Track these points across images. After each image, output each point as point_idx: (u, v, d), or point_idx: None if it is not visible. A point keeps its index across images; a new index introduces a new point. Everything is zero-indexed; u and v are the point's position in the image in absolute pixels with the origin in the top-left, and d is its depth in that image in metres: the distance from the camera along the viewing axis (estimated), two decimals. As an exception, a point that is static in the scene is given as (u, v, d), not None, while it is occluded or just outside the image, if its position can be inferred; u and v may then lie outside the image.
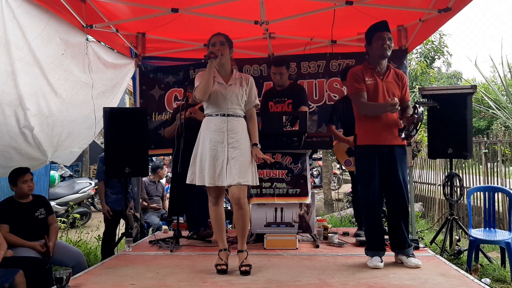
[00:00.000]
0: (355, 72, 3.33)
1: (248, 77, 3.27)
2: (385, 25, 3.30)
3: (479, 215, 6.21)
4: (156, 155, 5.96)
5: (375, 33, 3.27)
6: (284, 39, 5.24)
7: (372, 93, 3.24)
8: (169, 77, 5.47)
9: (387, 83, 3.27)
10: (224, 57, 3.12)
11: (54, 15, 3.70)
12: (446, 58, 12.88)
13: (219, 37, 3.17)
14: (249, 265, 3.05)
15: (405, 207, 3.26)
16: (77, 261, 3.66)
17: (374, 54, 3.29)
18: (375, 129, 3.21)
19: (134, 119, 4.28)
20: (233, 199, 3.08)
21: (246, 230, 3.19)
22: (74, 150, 4.74)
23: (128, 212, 4.27)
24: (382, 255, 3.26)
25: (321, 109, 5.28)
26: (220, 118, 3.10)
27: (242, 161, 3.05)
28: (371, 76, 3.27)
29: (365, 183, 3.29)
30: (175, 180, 4.23)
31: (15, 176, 3.54)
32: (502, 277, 3.91)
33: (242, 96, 3.16)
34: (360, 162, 3.37)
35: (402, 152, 3.28)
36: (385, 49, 3.21)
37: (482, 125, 19.79)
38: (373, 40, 3.26)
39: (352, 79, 3.31)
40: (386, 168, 3.23)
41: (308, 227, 4.01)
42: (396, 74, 3.34)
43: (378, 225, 3.28)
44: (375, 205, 3.25)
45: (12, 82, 3.29)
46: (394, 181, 3.22)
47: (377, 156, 3.22)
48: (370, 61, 3.34)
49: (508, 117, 10.14)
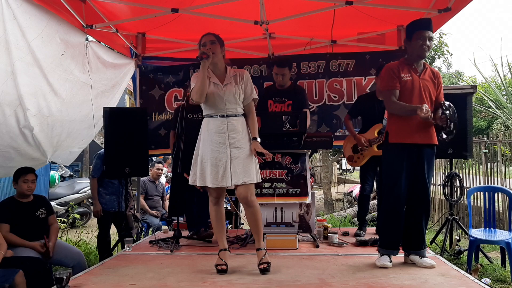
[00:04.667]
0: (390, 68, 3.23)
1: (243, 72, 3.24)
2: (428, 23, 3.20)
3: (479, 215, 6.21)
4: (156, 155, 5.96)
5: (416, 30, 3.15)
6: (284, 39, 5.24)
7: (409, 90, 3.15)
8: (169, 77, 5.48)
9: (424, 81, 3.18)
10: (216, 56, 3.09)
11: (54, 15, 3.70)
12: (446, 58, 12.87)
13: (209, 36, 3.13)
14: (268, 262, 3.04)
15: (427, 208, 3.23)
16: (77, 261, 3.66)
17: (413, 52, 3.19)
18: (408, 128, 3.13)
19: (134, 119, 4.28)
20: (241, 199, 3.10)
21: (260, 228, 3.17)
22: (74, 150, 4.75)
23: (128, 212, 4.27)
24: (394, 254, 3.24)
25: (321, 109, 5.29)
26: (220, 119, 3.09)
27: (245, 160, 3.06)
28: (407, 72, 3.18)
29: (391, 180, 3.21)
30: (175, 180, 4.23)
31: (18, 174, 3.56)
32: (502, 277, 3.91)
33: (239, 94, 3.14)
34: (389, 159, 3.28)
35: (431, 153, 3.21)
36: (424, 49, 3.13)
37: (482, 125, 19.79)
38: (413, 38, 3.15)
39: (386, 75, 3.22)
40: (414, 168, 3.17)
41: (308, 227, 4.01)
42: (432, 73, 3.26)
43: (398, 224, 3.21)
44: (399, 204, 3.19)
45: (12, 82, 3.29)
46: (420, 180, 3.18)
47: (406, 155, 3.16)
48: (407, 57, 3.24)
49: (508, 117, 10.14)
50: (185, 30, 5.01)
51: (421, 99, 3.14)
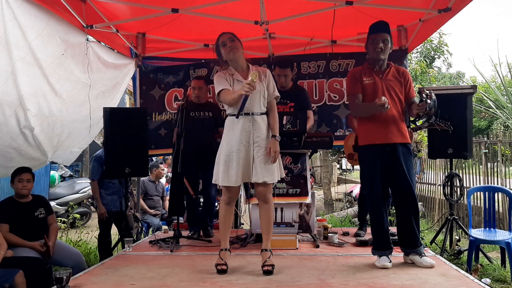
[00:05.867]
0: (352, 73, 3.35)
1: (265, 70, 3.25)
2: (379, 26, 3.27)
3: (479, 215, 6.21)
4: (156, 155, 5.96)
5: (369, 35, 3.28)
6: (284, 39, 5.24)
7: (371, 92, 3.23)
8: (169, 77, 5.47)
9: (387, 81, 3.25)
10: (238, 50, 3.11)
11: (54, 15, 3.70)
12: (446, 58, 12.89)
13: (227, 35, 3.13)
14: (272, 265, 3.04)
15: (414, 205, 3.24)
16: (76, 261, 3.65)
17: (370, 55, 3.31)
18: (373, 129, 3.21)
19: (134, 119, 4.28)
20: (259, 196, 3.14)
21: (271, 227, 3.18)
22: (74, 150, 4.75)
23: (128, 212, 4.27)
24: (389, 254, 3.25)
25: (321, 109, 5.28)
26: (245, 118, 3.07)
27: (267, 159, 3.07)
28: (369, 76, 3.27)
29: (367, 183, 3.29)
30: (175, 180, 4.23)
31: (14, 173, 3.57)
32: (502, 277, 3.91)
33: (264, 91, 3.15)
34: (362, 162, 3.37)
35: (406, 151, 3.23)
36: (377, 52, 3.21)
37: (482, 125, 19.79)
38: (368, 42, 3.28)
39: (349, 81, 3.35)
40: (390, 167, 3.20)
41: (308, 227, 4.01)
42: (397, 72, 3.31)
43: (382, 225, 3.25)
44: (378, 205, 3.24)
45: (12, 82, 3.29)
46: (400, 179, 3.19)
47: (378, 156, 3.20)
48: (370, 61, 3.34)
49: (508, 117, 10.15)
50: (185, 30, 5.01)
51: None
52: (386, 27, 3.28)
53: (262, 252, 3.12)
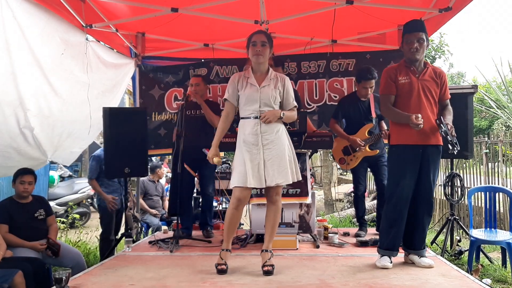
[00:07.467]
0: (387, 72, 3.25)
1: (284, 78, 3.23)
2: (413, 25, 3.19)
3: (480, 215, 6.20)
4: (156, 155, 5.96)
5: (403, 35, 3.19)
6: (284, 39, 5.23)
7: (406, 92, 3.16)
8: (169, 77, 5.46)
9: (423, 82, 3.17)
10: (263, 57, 3.12)
11: (53, 14, 3.70)
12: (447, 58, 12.89)
13: (260, 36, 3.13)
14: (272, 265, 3.04)
15: (430, 208, 3.22)
16: (77, 261, 3.65)
17: (405, 55, 3.22)
18: (406, 129, 3.11)
19: (134, 119, 4.26)
20: (268, 197, 3.16)
21: (275, 229, 3.18)
22: (74, 150, 4.74)
23: (128, 212, 4.26)
24: (394, 255, 3.23)
25: (321, 109, 5.27)
26: (254, 121, 3.10)
27: (278, 162, 3.07)
28: (405, 75, 3.18)
29: (394, 182, 3.20)
30: (174, 180, 4.22)
31: (16, 174, 3.56)
32: (503, 278, 3.90)
33: (275, 98, 3.14)
34: (392, 161, 3.29)
35: (437, 152, 3.19)
36: (413, 53, 3.13)
37: (483, 125, 19.80)
38: (403, 42, 3.20)
39: (383, 80, 3.24)
40: (418, 168, 3.15)
41: (308, 227, 4.00)
42: (434, 72, 3.23)
43: (400, 226, 3.19)
44: (401, 206, 3.16)
45: (11, 82, 3.29)
46: (424, 181, 3.16)
47: (410, 157, 3.14)
48: (406, 59, 3.25)
49: (509, 117, 10.13)
50: (185, 30, 5.00)
51: (420, 100, 3.14)
52: (421, 26, 3.20)
53: (262, 252, 3.11)
